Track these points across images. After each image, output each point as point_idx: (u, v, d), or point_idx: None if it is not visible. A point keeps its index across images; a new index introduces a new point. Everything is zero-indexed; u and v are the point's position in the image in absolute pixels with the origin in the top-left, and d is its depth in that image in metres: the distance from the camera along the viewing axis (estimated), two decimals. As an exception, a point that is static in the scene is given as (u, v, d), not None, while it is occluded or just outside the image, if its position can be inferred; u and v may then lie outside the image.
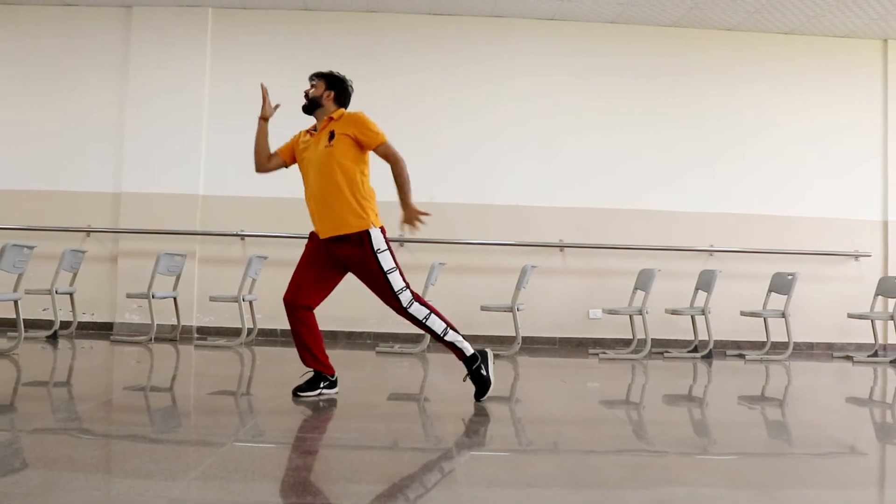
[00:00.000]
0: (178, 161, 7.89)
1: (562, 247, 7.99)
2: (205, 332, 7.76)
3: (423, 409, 4.18)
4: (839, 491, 2.65)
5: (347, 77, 4.33)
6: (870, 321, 7.48)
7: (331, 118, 4.10)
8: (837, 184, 8.16)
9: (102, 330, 7.76)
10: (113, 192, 7.93)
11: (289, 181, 7.83)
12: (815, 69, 8.22)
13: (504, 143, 8.04)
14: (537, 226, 7.96)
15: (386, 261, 3.96)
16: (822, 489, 2.66)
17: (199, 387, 4.94)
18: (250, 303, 7.40)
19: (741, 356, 7.30)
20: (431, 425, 3.69)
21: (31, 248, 5.72)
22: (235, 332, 7.32)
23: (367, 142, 4.02)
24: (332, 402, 4.00)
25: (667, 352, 7.37)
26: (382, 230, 4.02)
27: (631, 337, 7.34)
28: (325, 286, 4.14)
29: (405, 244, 7.83)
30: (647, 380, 5.75)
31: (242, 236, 7.89)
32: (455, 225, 7.79)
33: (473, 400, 4.05)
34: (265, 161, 4.39)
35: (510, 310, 6.90)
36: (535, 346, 7.69)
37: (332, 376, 4.17)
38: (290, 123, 4.66)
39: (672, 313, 7.31)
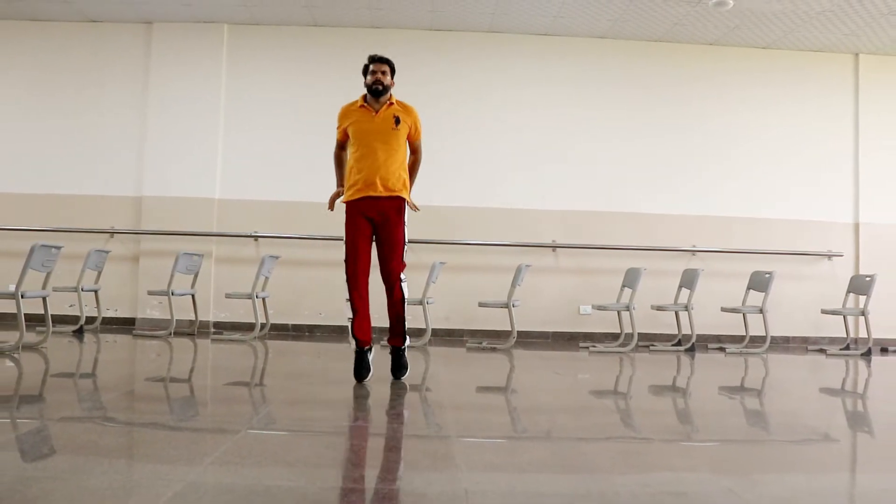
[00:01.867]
0: (196, 167, 7.89)
1: (554, 247, 7.99)
2: (221, 327, 7.76)
3: (425, 398, 4.18)
4: (814, 475, 2.65)
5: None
6: (842, 317, 7.49)
7: (391, 103, 4.48)
8: (812, 188, 8.16)
9: (125, 325, 7.76)
10: (135, 196, 7.93)
11: (299, 187, 7.90)
12: (791, 81, 8.22)
13: (500, 149, 8.04)
14: (531, 227, 7.96)
15: (406, 230, 4.42)
16: (798, 474, 2.66)
17: (216, 378, 4.94)
18: (263, 300, 7.40)
19: (722, 349, 7.30)
20: (432, 414, 3.69)
21: (58, 248, 5.72)
22: (249, 327, 7.33)
23: (415, 135, 4.55)
24: (340, 392, 3.99)
25: (652, 345, 7.37)
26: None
27: (619, 331, 7.35)
28: (370, 254, 4.43)
29: (408, 244, 7.82)
30: (634, 371, 5.75)
31: (256, 237, 7.89)
32: (454, 226, 7.80)
33: (400, 381, 4.43)
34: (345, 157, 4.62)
35: (506, 306, 6.90)
36: (530, 339, 7.69)
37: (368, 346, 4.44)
38: (291, 127, 4.65)
39: (657, 309, 7.31)
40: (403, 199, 4.38)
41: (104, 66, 8.04)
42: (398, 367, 4.49)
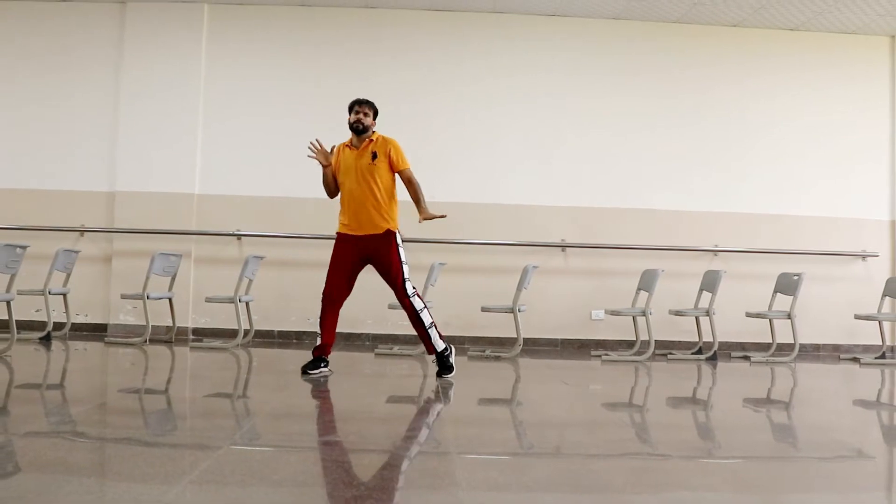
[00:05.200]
0: (174, 159, 7.89)
1: (564, 247, 7.99)
2: (200, 333, 7.76)
3: (423, 411, 4.19)
4: (845, 495, 2.66)
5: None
6: (877, 322, 7.49)
7: (371, 140, 5.13)
8: (844, 182, 8.16)
9: (96, 331, 7.76)
10: (107, 192, 7.94)
11: (285, 181, 7.91)
12: (821, 66, 8.22)
13: (505, 140, 8.05)
14: (539, 225, 7.96)
15: (402, 254, 5.13)
16: (828, 493, 2.66)
17: (195, 389, 4.94)
18: (247, 304, 7.40)
19: (746, 358, 7.31)
20: (431, 428, 3.70)
21: (23, 248, 5.72)
22: (232, 334, 7.33)
23: (398, 163, 5.15)
24: (328, 404, 4.00)
25: (670, 353, 7.37)
26: (398, 232, 5.16)
27: (634, 338, 7.35)
28: (353, 280, 5.23)
29: (404, 244, 7.83)
30: (651, 382, 5.75)
31: (239, 236, 7.90)
32: (455, 224, 7.75)
33: (439, 378, 5.10)
34: (335, 188, 5.30)
35: (511, 311, 6.90)
36: (537, 347, 7.69)
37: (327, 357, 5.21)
38: (277, 116, 4.66)
39: (676, 314, 7.31)
40: (389, 231, 5.09)
41: (73, 50, 8.03)
42: (440, 368, 5.20)
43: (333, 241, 5.21)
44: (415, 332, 5.32)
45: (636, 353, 7.15)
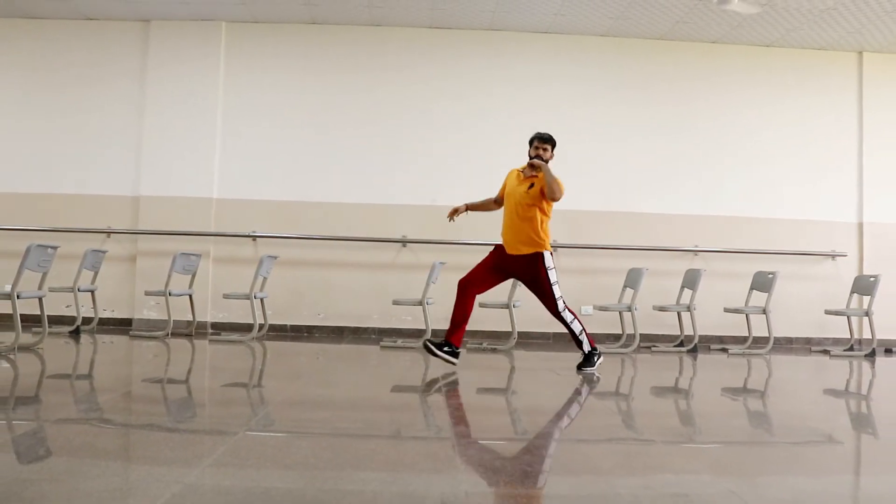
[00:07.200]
0: (194, 166, 7.89)
1: (555, 247, 7.97)
2: (219, 327, 7.76)
3: (425, 400, 4.19)
4: (817, 477, 2.66)
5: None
6: (846, 317, 7.49)
7: (535, 175, 5.21)
8: (815, 187, 8.16)
9: (122, 325, 7.76)
10: (132, 196, 7.94)
11: (297, 186, 7.91)
12: (794, 79, 8.22)
13: (501, 148, 8.01)
14: (532, 227, 7.94)
15: (552, 276, 5.16)
16: (801, 476, 2.66)
17: (213, 379, 4.94)
18: (261, 300, 7.40)
19: (724, 350, 7.30)
20: (432, 415, 3.70)
21: (54, 248, 5.72)
22: (247, 328, 7.33)
23: (547, 195, 5.16)
24: (339, 394, 3.98)
25: (654, 346, 7.37)
26: (551, 254, 5.21)
27: (621, 332, 7.35)
28: (491, 283, 5.33)
29: (407, 244, 7.84)
30: (636, 372, 5.75)
31: (254, 237, 7.89)
32: (454, 226, 7.73)
33: (576, 369, 5.27)
34: (495, 207, 5.55)
35: (507, 307, 6.90)
36: (531, 340, 7.69)
37: (457, 348, 5.14)
38: (289, 126, 4.63)
39: (659, 310, 7.31)
40: (535, 254, 5.16)
41: (101, 65, 8.04)
42: (584, 363, 5.30)
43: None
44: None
45: (622, 346, 7.15)
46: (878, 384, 5.65)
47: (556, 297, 5.15)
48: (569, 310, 5.25)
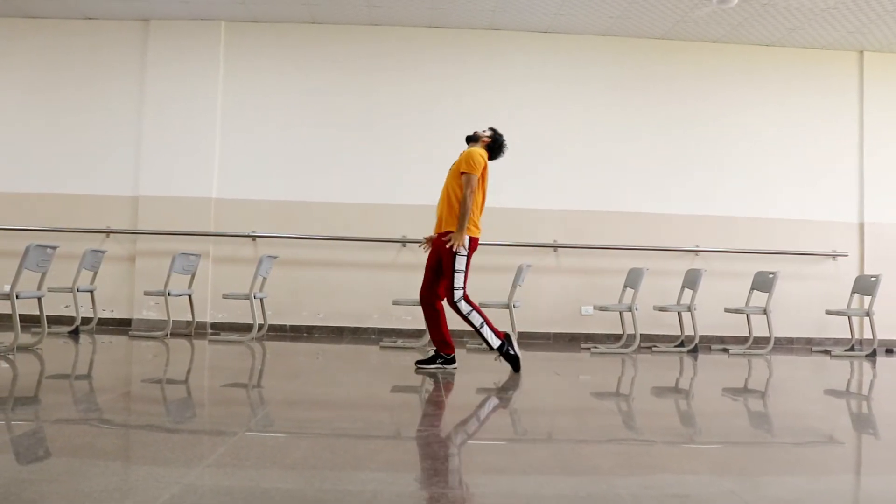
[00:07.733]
0: (193, 166, 7.89)
1: (555, 247, 7.99)
2: (218, 327, 7.77)
3: (424, 400, 4.18)
4: (817, 478, 2.66)
5: (504, 139, 5.40)
6: (847, 317, 7.49)
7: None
8: (816, 187, 8.16)
9: (121, 326, 7.77)
10: (131, 196, 7.94)
11: (297, 186, 7.91)
12: (795, 79, 8.22)
13: (501, 148, 8.02)
14: (532, 227, 7.96)
15: (459, 261, 4.98)
16: (801, 476, 2.66)
17: (213, 379, 4.94)
18: (261, 300, 7.41)
19: (725, 350, 7.30)
20: (432, 415, 3.69)
21: (53, 248, 5.72)
22: (247, 328, 7.33)
23: (460, 168, 5.11)
24: (338, 394, 3.98)
25: (655, 346, 7.37)
26: (472, 241, 5.03)
27: (621, 332, 7.35)
28: (436, 273, 5.15)
29: (407, 244, 7.84)
30: (636, 372, 5.75)
31: (254, 237, 7.90)
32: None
33: (511, 373, 5.09)
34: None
35: (507, 306, 6.90)
36: (531, 340, 7.69)
37: (450, 355, 5.14)
38: (289, 126, 4.63)
39: (660, 310, 7.31)
40: (450, 232, 5.04)
41: (100, 64, 8.04)
42: (506, 360, 5.18)
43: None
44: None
45: (623, 346, 7.15)
46: (879, 384, 5.65)
47: (456, 285, 5.03)
48: (467, 301, 5.08)
